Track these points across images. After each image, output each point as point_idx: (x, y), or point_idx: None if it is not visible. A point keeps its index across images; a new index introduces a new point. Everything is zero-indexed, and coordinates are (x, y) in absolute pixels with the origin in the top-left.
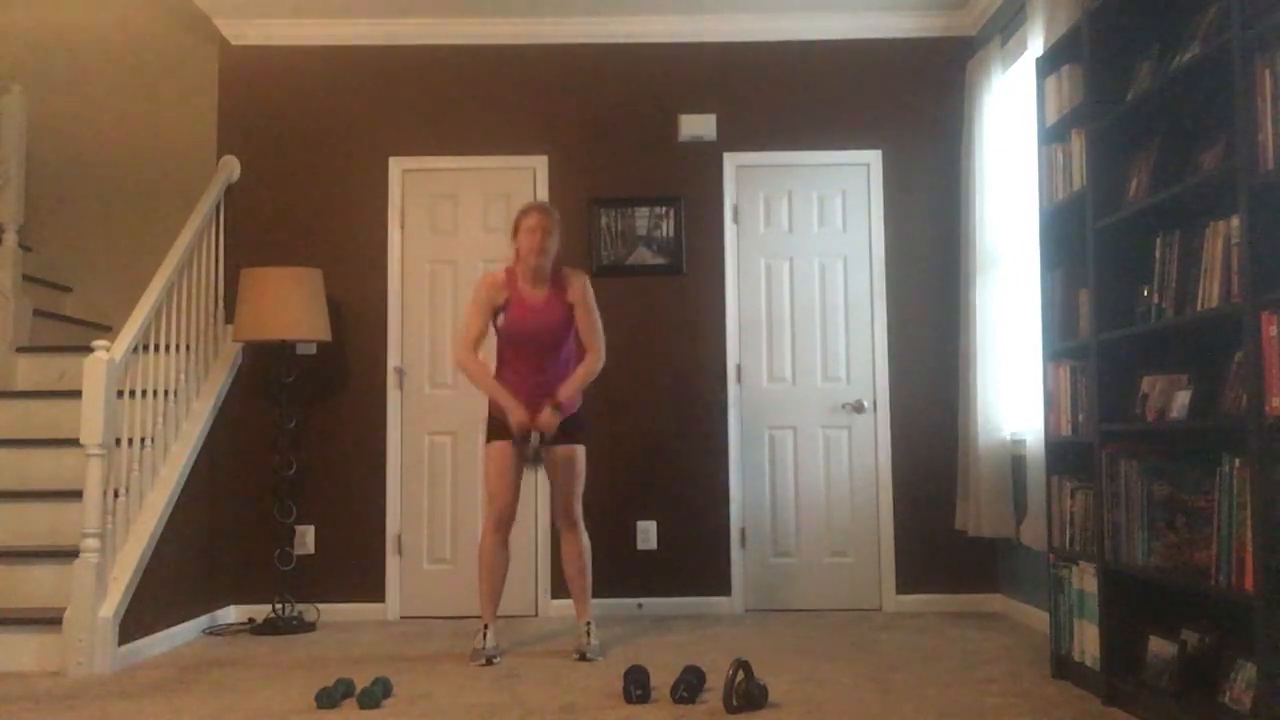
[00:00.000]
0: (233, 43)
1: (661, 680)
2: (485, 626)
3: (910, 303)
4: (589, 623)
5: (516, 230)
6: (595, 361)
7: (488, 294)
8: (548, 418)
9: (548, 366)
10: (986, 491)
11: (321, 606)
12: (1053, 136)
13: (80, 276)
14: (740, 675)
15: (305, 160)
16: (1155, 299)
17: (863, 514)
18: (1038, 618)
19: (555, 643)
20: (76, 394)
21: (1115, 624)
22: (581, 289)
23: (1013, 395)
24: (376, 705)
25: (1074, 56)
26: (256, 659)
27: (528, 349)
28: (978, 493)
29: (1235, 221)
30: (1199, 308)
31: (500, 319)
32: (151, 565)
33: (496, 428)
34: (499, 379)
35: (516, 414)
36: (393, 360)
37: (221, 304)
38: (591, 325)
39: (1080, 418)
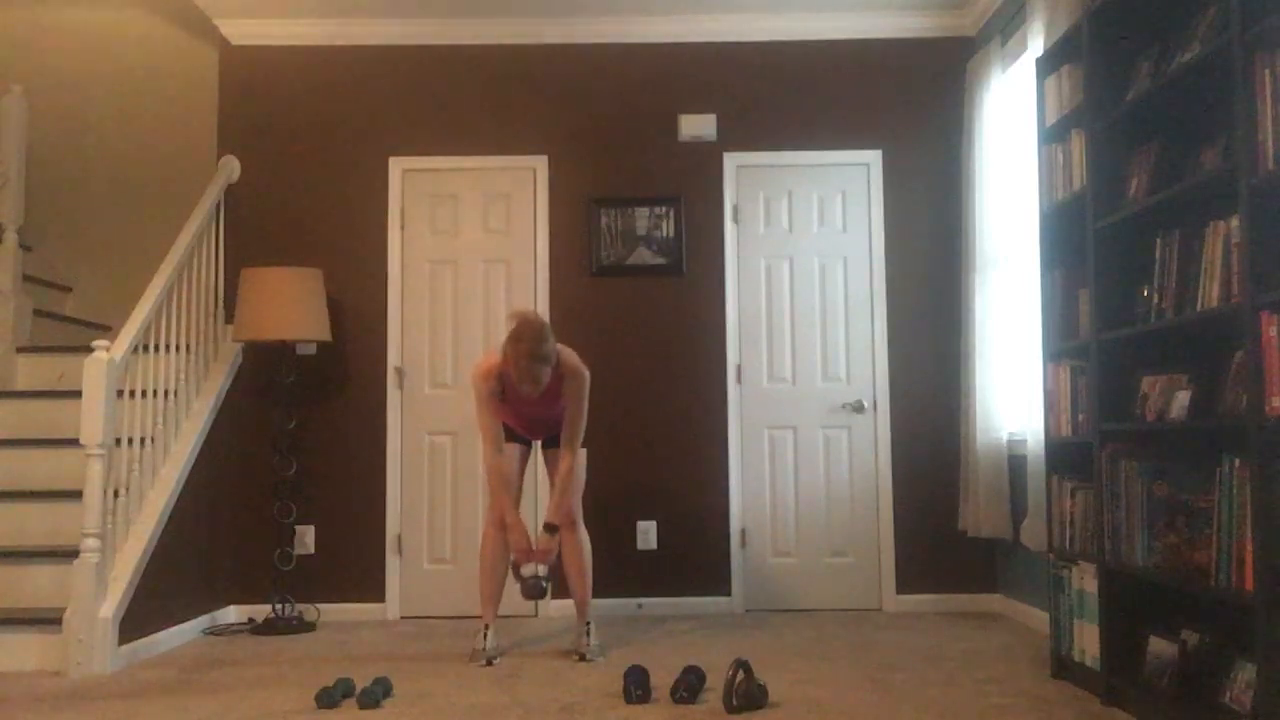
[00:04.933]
0: (233, 43)
1: (661, 680)
2: (485, 627)
3: (910, 303)
4: (589, 623)
5: (505, 357)
6: (570, 463)
7: (488, 388)
8: (545, 544)
9: (549, 416)
10: (984, 492)
11: (321, 606)
12: (1053, 136)
13: (80, 276)
14: (740, 675)
15: (305, 160)
16: (1155, 299)
17: (863, 514)
18: (1038, 618)
19: (555, 643)
20: (76, 394)
21: (1115, 624)
22: (576, 391)
23: (1012, 395)
24: (376, 705)
25: (1074, 56)
26: (256, 659)
27: (526, 410)
28: (976, 493)
29: (1235, 221)
30: (1199, 308)
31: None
32: (151, 565)
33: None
34: (503, 413)
35: (518, 543)
36: (393, 360)
37: (221, 304)
38: (575, 419)
39: (1080, 418)
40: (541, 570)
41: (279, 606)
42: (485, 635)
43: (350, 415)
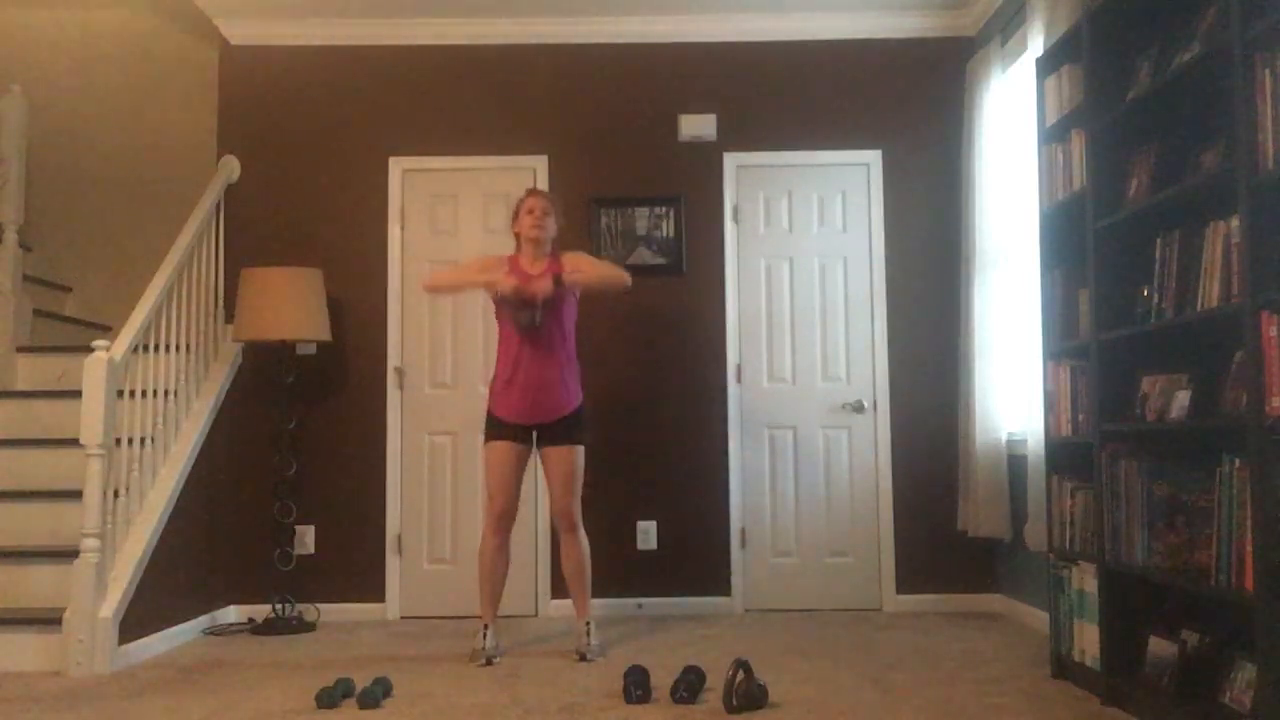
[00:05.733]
0: (233, 43)
1: (661, 680)
2: (485, 626)
3: (910, 303)
4: (589, 623)
5: (517, 214)
6: (619, 271)
7: (491, 261)
8: (545, 282)
9: (550, 358)
10: (983, 492)
11: (321, 606)
12: (1053, 136)
13: (80, 276)
14: (740, 675)
15: (305, 160)
16: (1155, 299)
17: (863, 514)
18: (1038, 618)
19: (555, 643)
20: (76, 394)
21: (1115, 624)
22: (579, 255)
23: (1011, 396)
24: (376, 705)
25: (1074, 56)
26: (256, 659)
27: (528, 336)
28: (975, 493)
29: (1235, 221)
30: (1199, 308)
31: (499, 300)
32: (151, 565)
33: (495, 427)
34: (498, 381)
35: (508, 280)
36: (393, 360)
37: (221, 304)
38: (602, 262)
39: (1080, 418)
40: (537, 314)
41: (279, 606)
42: (485, 635)
43: (350, 415)
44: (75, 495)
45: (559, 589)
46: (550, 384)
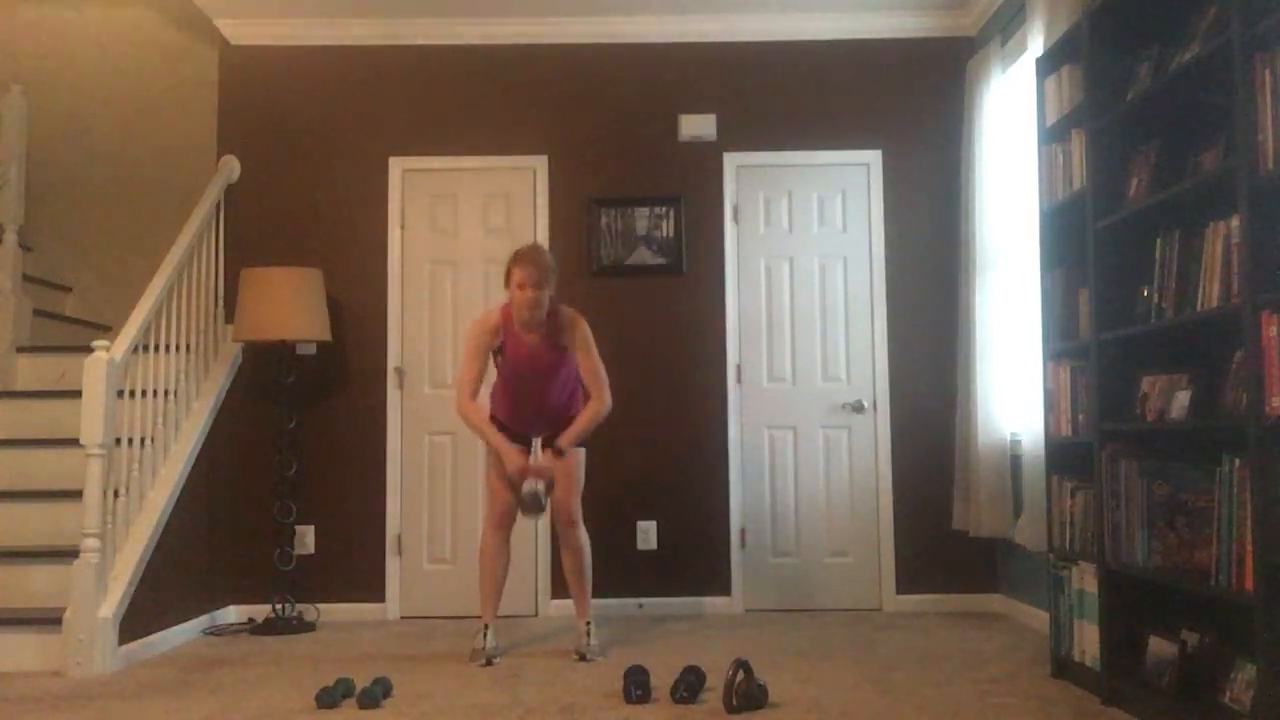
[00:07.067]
0: (233, 43)
1: (661, 680)
2: (485, 626)
3: (910, 303)
4: (589, 623)
5: (508, 279)
6: (599, 406)
7: (482, 339)
8: (547, 463)
9: (548, 390)
10: (986, 492)
11: (321, 606)
12: (1053, 136)
13: (80, 276)
14: (740, 675)
15: (305, 160)
16: (1155, 299)
17: (863, 514)
18: (1038, 618)
19: (555, 643)
20: (76, 394)
21: (1115, 624)
22: (578, 335)
23: (1012, 395)
24: (376, 705)
25: (1074, 56)
26: (256, 659)
27: (527, 379)
28: (977, 493)
29: (1235, 221)
30: (1199, 308)
31: (498, 358)
32: (151, 565)
33: (496, 427)
34: (499, 401)
35: (515, 462)
36: (393, 360)
37: (221, 304)
38: (593, 369)
39: (1080, 418)
40: (540, 487)
41: (279, 606)
42: (485, 635)
43: (350, 415)
44: (75, 495)
45: (559, 589)
46: (552, 410)
